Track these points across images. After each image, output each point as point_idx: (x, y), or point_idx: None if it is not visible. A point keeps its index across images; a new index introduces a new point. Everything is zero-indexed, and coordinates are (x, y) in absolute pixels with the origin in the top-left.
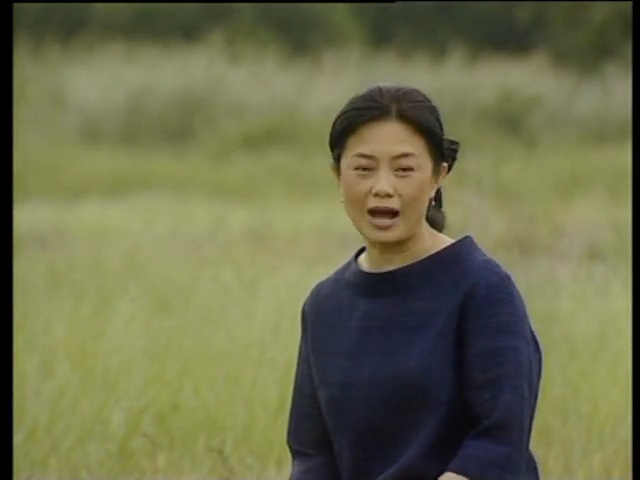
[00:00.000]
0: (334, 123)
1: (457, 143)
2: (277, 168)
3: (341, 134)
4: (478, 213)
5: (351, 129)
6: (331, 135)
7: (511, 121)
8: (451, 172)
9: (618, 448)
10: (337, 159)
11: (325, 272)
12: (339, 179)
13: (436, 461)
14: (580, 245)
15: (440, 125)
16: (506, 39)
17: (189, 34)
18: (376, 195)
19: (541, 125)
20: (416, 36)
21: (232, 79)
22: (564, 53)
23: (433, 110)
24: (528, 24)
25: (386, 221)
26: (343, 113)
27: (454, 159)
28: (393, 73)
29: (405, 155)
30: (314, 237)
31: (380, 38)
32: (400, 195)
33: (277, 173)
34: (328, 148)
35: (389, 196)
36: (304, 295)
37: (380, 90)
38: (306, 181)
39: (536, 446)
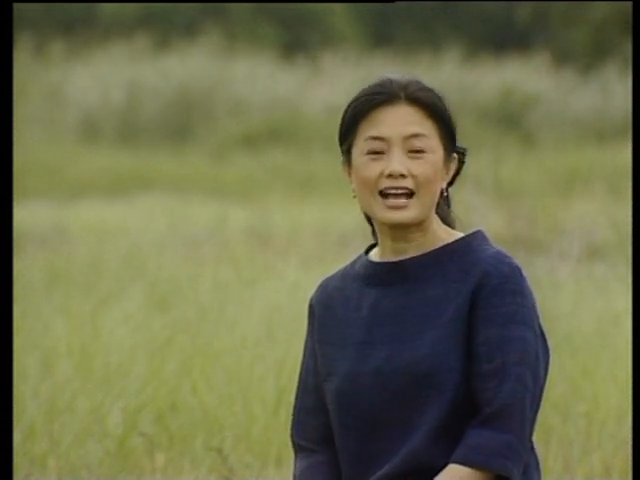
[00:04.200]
0: (344, 114)
1: (465, 148)
2: (277, 167)
3: (351, 121)
4: (477, 211)
5: (361, 115)
6: (341, 126)
7: (511, 119)
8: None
9: (618, 447)
10: (347, 152)
11: (324, 271)
12: (350, 174)
13: (442, 448)
14: (580, 243)
15: (450, 114)
16: (506, 38)
17: (188, 32)
18: (389, 176)
19: (541, 123)
20: (416, 34)
21: (232, 78)
22: (564, 52)
23: (442, 98)
24: (528, 23)
25: (400, 201)
26: (352, 102)
27: (462, 162)
28: (393, 71)
29: (416, 135)
30: (313, 236)
31: (380, 36)
32: (414, 176)
33: (277, 172)
34: (334, 145)
35: (403, 176)
36: (303, 293)
37: (389, 79)
38: (305, 180)
39: (536, 444)
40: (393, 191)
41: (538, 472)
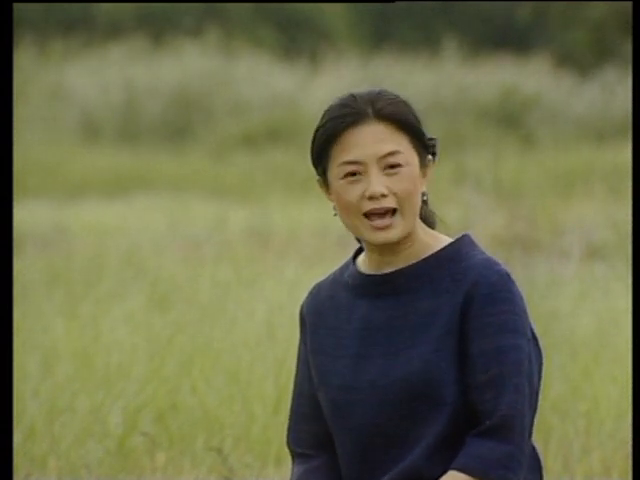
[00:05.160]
0: (313, 138)
1: (434, 139)
2: (276, 167)
3: (323, 146)
4: (477, 211)
5: (332, 139)
6: (312, 150)
7: (511, 119)
8: (450, 170)
9: (617, 447)
10: (322, 174)
11: (323, 271)
12: (328, 193)
13: (440, 461)
14: (580, 243)
15: (417, 118)
16: (506, 38)
17: (188, 32)
18: (370, 198)
19: (541, 123)
20: (416, 34)
21: (231, 78)
22: (564, 52)
23: (407, 104)
24: (528, 23)
25: (385, 221)
26: (321, 126)
27: (434, 154)
28: (393, 71)
29: (391, 153)
30: (313, 236)
31: (379, 36)
32: (394, 193)
33: (276, 172)
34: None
35: (384, 196)
36: (303, 293)
37: (353, 96)
38: (305, 180)
39: (536, 445)
40: (377, 211)
41: (540, 474)
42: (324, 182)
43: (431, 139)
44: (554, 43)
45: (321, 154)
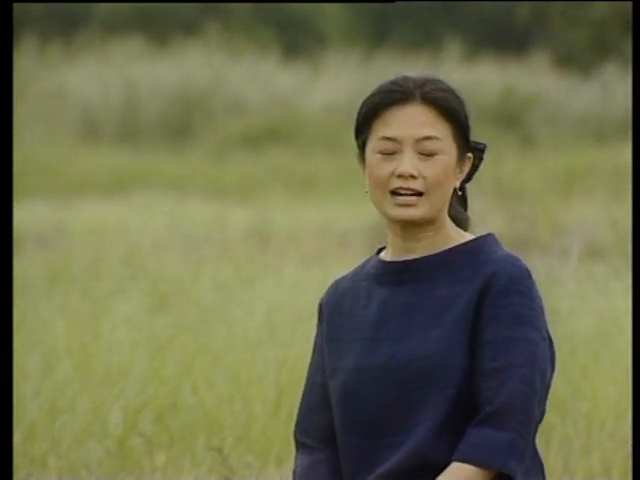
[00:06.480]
0: (359, 109)
1: (484, 144)
2: (277, 167)
3: (365, 119)
4: (477, 211)
5: (375, 113)
6: (356, 121)
7: (511, 119)
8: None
9: (618, 446)
10: (362, 146)
11: (323, 271)
12: (364, 168)
13: (446, 444)
14: (580, 243)
15: (466, 114)
16: (506, 37)
17: (188, 32)
18: (399, 176)
19: (540, 123)
20: (416, 34)
21: (232, 77)
22: (564, 51)
23: (458, 97)
24: (528, 22)
25: (410, 199)
26: (368, 98)
27: (481, 159)
28: (393, 71)
29: (429, 138)
30: (313, 236)
31: (379, 36)
32: (424, 178)
33: (276, 172)
34: (334, 144)
35: (413, 177)
36: (303, 293)
37: (405, 77)
38: (305, 180)
39: (537, 446)
40: (403, 191)
41: (543, 475)
42: (362, 158)
43: (480, 143)
44: (554, 43)
45: (363, 125)
